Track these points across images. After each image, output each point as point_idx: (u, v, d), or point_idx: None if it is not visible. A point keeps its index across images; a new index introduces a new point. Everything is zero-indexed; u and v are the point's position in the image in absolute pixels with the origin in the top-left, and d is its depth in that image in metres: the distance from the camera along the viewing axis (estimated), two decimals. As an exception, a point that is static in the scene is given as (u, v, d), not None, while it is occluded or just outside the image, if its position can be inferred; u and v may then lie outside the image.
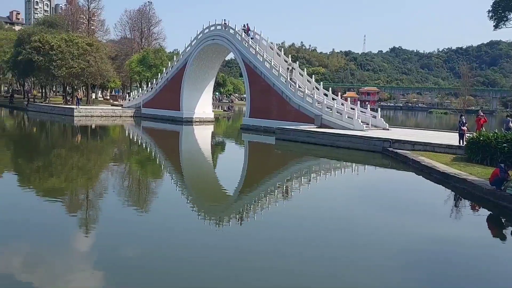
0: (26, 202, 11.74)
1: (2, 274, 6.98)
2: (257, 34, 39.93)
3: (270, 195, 13.81)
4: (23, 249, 8.28)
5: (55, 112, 48.10)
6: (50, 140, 28.90)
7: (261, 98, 36.39)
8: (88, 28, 66.19)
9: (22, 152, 22.71)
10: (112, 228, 9.71)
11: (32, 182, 14.77)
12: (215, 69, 47.25)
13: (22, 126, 39.10)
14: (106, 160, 21.08)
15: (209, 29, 42.02)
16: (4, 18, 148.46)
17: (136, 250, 8.31)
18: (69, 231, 9.39)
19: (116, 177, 16.51)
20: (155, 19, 73.69)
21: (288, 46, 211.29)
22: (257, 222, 10.77)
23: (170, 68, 47.88)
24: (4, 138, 28.54)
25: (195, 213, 11.42)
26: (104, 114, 47.05)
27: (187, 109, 44.58)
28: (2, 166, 17.73)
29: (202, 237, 9.30)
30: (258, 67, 36.35)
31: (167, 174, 17.73)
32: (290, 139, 27.55)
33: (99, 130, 37.23)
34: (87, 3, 65.41)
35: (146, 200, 13.03)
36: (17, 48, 56.27)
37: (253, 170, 19.78)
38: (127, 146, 27.59)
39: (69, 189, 14.05)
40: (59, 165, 18.54)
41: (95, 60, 52.09)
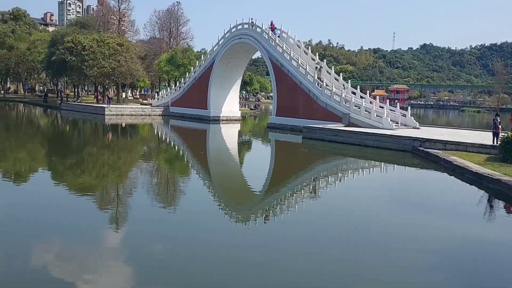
0: (60, 198, 12.14)
1: (35, 268, 7.24)
2: (284, 32, 39.80)
3: (296, 194, 13.75)
4: (55, 244, 8.56)
5: (87, 111, 49.45)
6: (82, 138, 29.75)
7: (288, 96, 36.27)
8: (119, 29, 67.61)
9: (56, 149, 23.47)
10: (141, 225, 9.90)
11: (65, 178, 15.24)
12: (242, 68, 47.42)
13: (55, 124, 40.39)
14: (135, 158, 21.53)
15: (236, 28, 42.19)
16: (39, 19, 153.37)
17: (164, 247, 8.44)
18: (100, 228, 9.64)
19: (145, 174, 16.84)
20: (183, 19, 74.66)
21: (315, 44, 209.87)
22: (284, 221, 10.75)
23: (197, 67, 48.37)
24: (39, 136, 29.58)
25: (221, 211, 11.51)
26: (133, 113, 48.03)
27: (214, 108, 44.94)
28: (38, 163, 18.42)
29: (228, 235, 9.36)
30: (285, 65, 36.23)
31: (194, 172, 17.93)
32: (317, 138, 27.35)
33: (129, 128, 38.02)
34: (117, 4, 66.82)
35: (174, 198, 13.22)
36: (51, 48, 58.14)
37: (279, 169, 19.75)
38: (155, 144, 28.07)
39: (100, 186, 14.43)
40: (90, 163, 19.06)
41: (125, 60, 53.14)
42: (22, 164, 17.94)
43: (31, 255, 7.86)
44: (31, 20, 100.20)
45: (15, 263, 7.35)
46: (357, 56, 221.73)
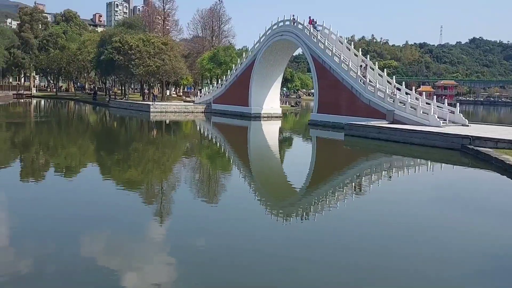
0: (107, 193, 12.65)
1: (83, 258, 7.59)
2: (326, 28, 39.28)
3: (338, 191, 13.56)
4: (102, 236, 8.93)
5: (133, 108, 51.12)
6: (128, 134, 30.82)
7: (329, 93, 35.80)
8: (163, 28, 69.44)
9: (104, 145, 24.46)
10: (184, 220, 10.13)
11: (112, 173, 15.86)
12: (283, 65, 47.29)
13: (104, 121, 42.07)
14: (179, 154, 22.04)
15: (278, 25, 42.10)
16: (88, 20, 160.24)
17: (205, 242, 8.59)
18: (145, 221, 9.96)
19: (188, 170, 17.21)
20: (225, 17, 75.55)
21: (358, 39, 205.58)
22: (325, 219, 10.63)
23: (239, 64, 48.74)
24: (88, 132, 30.94)
25: (262, 208, 11.55)
26: (177, 110, 49.13)
27: (256, 105, 45.13)
28: (87, 158, 19.28)
29: (268, 231, 9.39)
30: (327, 61, 35.77)
31: (236, 168, 18.11)
32: (360, 135, 26.82)
33: (173, 125, 38.96)
34: (162, 4, 68.74)
35: (216, 193, 13.42)
36: (100, 48, 60.56)
37: (321, 166, 19.56)
38: (198, 140, 28.60)
39: (146, 181, 14.89)
40: (136, 158, 19.72)
41: (169, 58, 54.42)
42: (73, 159, 18.85)
43: (79, 246, 8.24)
44: (81, 21, 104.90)
45: (64, 254, 7.73)
46: (402, 51, 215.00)
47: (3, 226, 9.29)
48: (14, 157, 18.94)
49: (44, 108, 56.53)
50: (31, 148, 21.42)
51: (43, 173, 15.33)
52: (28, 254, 7.63)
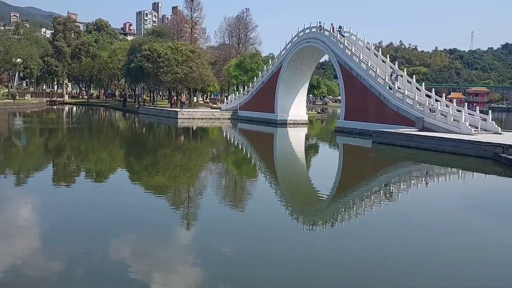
0: (136, 197, 12.90)
1: (111, 261, 7.76)
2: (353, 34, 39.01)
3: (366, 199, 13.37)
4: (130, 240, 9.11)
5: (161, 115, 52.03)
6: (157, 140, 31.37)
7: (356, 100, 35.44)
8: (191, 36, 70.51)
9: (133, 151, 24.98)
10: (210, 225, 10.19)
11: (141, 178, 16.17)
12: (310, 72, 47.18)
13: (133, 127, 43.00)
14: (205, 159, 22.26)
15: (304, 32, 42.10)
16: (119, 29, 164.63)
17: (231, 248, 8.62)
18: (172, 226, 10.10)
19: (214, 176, 17.36)
20: (251, 25, 76.02)
21: (386, 45, 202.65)
22: (352, 226, 10.49)
23: (265, 71, 48.92)
24: (118, 138, 31.69)
25: (288, 215, 11.51)
26: (204, 117, 49.71)
27: (282, 112, 45.14)
28: (117, 163, 19.75)
29: (294, 239, 9.34)
30: (354, 68, 35.46)
31: (262, 175, 18.13)
32: (388, 143, 26.38)
33: (200, 131, 39.41)
34: (190, 13, 69.83)
35: (242, 199, 13.47)
36: (130, 56, 62.10)
37: (348, 173, 19.34)
38: (224, 147, 28.82)
39: (173, 186, 15.11)
40: (164, 163, 20.04)
41: (197, 66, 55.20)
42: (103, 164, 19.34)
43: (107, 249, 8.43)
44: (112, 30, 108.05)
45: (93, 256, 7.93)
46: (431, 57, 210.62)
47: (36, 227, 9.61)
48: (48, 162, 19.61)
49: (76, 115, 58.28)
50: (63, 153, 22.12)
51: (74, 178, 15.78)
52: (58, 254, 7.87)
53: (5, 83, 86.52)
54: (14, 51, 65.46)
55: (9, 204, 11.85)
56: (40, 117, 49.17)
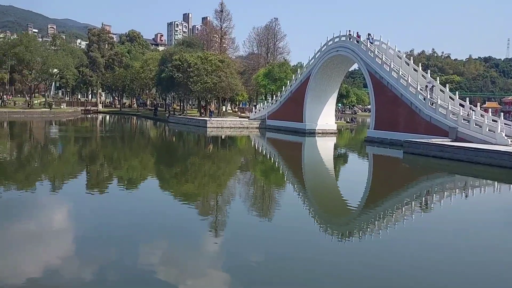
0: (165, 204, 13.10)
1: (140, 268, 7.87)
2: (384, 43, 38.56)
3: (396, 211, 13.07)
4: (159, 247, 9.22)
5: (191, 124, 52.78)
6: (186, 148, 31.80)
7: (387, 109, 34.87)
8: (220, 46, 71.48)
9: (163, 159, 25.41)
10: (237, 234, 10.21)
11: (171, 186, 16.41)
12: (339, 81, 46.84)
13: (163, 135, 43.78)
14: (234, 168, 22.37)
15: (333, 41, 41.92)
16: (150, 40, 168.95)
17: (259, 257, 8.59)
18: (200, 233, 10.17)
19: (242, 184, 17.40)
20: (280, 34, 76.34)
21: (418, 53, 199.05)
22: (381, 239, 10.26)
23: (294, 80, 48.93)
24: (149, 146, 32.32)
25: (316, 225, 11.38)
26: (232, 126, 50.07)
27: (310, 121, 44.92)
28: (148, 171, 20.13)
29: (322, 249, 9.23)
30: (385, 77, 34.95)
31: (290, 184, 18.05)
32: (420, 153, 25.75)
33: (228, 140, 39.69)
34: (220, 23, 70.89)
35: (270, 208, 13.42)
36: (161, 66, 63.47)
37: (378, 184, 18.97)
38: (252, 155, 28.89)
39: (202, 194, 15.25)
40: (193, 172, 20.27)
41: (226, 75, 55.79)
42: (134, 172, 19.75)
43: (137, 256, 8.57)
44: (144, 41, 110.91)
45: (123, 262, 8.07)
46: (465, 65, 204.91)
47: (68, 233, 9.89)
48: (82, 169, 20.20)
49: (109, 123, 59.91)
50: (97, 161, 22.74)
51: (107, 184, 16.19)
52: (90, 259, 8.06)
53: (42, 92, 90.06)
54: (51, 62, 68.07)
55: (44, 209, 12.26)
56: (75, 126, 50.82)
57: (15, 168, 19.13)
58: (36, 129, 43.54)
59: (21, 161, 21.44)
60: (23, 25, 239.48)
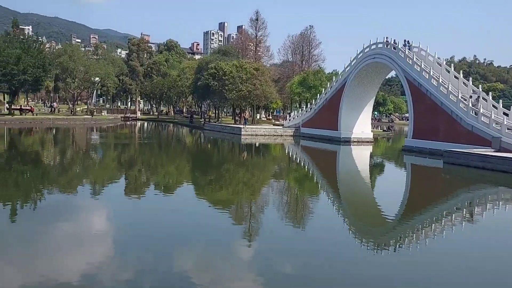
0: (200, 211, 13.26)
1: (174, 274, 7.99)
2: (423, 50, 37.63)
3: (435, 223, 12.63)
4: (192, 253, 9.33)
5: (226, 131, 53.32)
6: (221, 156, 32.14)
7: (426, 117, 33.90)
8: (255, 54, 72.07)
9: (198, 165, 25.79)
10: (271, 242, 10.18)
11: (205, 192, 16.61)
12: (375, 88, 46.04)
13: (199, 142, 44.45)
14: (267, 176, 22.38)
15: (370, 48, 41.32)
16: (187, 49, 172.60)
17: (291, 267, 8.53)
18: (233, 241, 10.22)
19: (276, 192, 17.37)
20: (315, 41, 76.02)
21: (458, 60, 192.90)
22: (419, 251, 9.94)
23: (329, 88, 48.52)
24: (185, 153, 32.92)
25: (351, 235, 11.19)
26: (266, 133, 50.16)
27: (345, 129, 44.33)
28: (183, 177, 20.48)
29: (358, 260, 9.04)
30: (424, 84, 34.05)
31: (324, 193, 17.85)
32: (461, 164, 24.82)
33: (262, 148, 39.79)
34: (255, 31, 71.55)
35: (303, 217, 13.31)
36: (197, 75, 64.65)
37: (416, 195, 18.42)
38: (286, 163, 28.80)
39: (235, 201, 15.34)
40: (227, 179, 20.44)
41: (260, 83, 56.10)
42: (170, 178, 20.15)
43: (172, 261, 8.72)
44: (181, 50, 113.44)
45: (157, 267, 8.22)
46: (509, 72, 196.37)
47: (105, 237, 10.19)
48: (120, 175, 20.82)
49: (147, 130, 61.51)
50: (135, 167, 23.37)
51: (144, 190, 16.60)
52: (125, 263, 8.27)
53: (84, 100, 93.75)
54: (93, 71, 70.92)
55: (85, 213, 12.71)
56: (114, 132, 52.49)
57: (58, 172, 19.97)
58: (78, 135, 45.32)
59: (64, 166, 22.36)
60: (67, 35, 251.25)
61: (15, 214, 11.85)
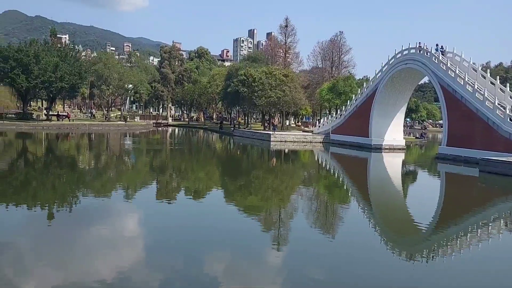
0: (228, 216, 13.34)
1: (202, 277, 8.08)
2: (457, 55, 36.64)
3: (471, 234, 12.23)
4: (221, 258, 9.41)
5: (255, 137, 53.52)
6: (250, 162, 32.26)
7: (461, 124, 32.92)
8: (285, 61, 72.11)
9: (228, 171, 25.99)
10: (300, 250, 10.12)
11: (234, 198, 16.70)
12: (407, 94, 45.13)
13: (228, 148, 44.80)
14: (296, 183, 22.29)
15: (402, 53, 40.61)
16: (217, 56, 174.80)
17: (321, 275, 8.46)
18: (262, 247, 10.23)
19: (305, 199, 17.27)
20: (345, 47, 75.40)
21: (495, 66, 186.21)
22: (453, 262, 9.65)
23: (359, 94, 47.95)
24: (215, 158, 33.24)
25: (382, 244, 10.97)
26: (296, 140, 50.01)
27: (376, 136, 43.62)
28: (213, 183, 20.69)
29: (389, 270, 8.88)
30: (458, 91, 33.11)
31: (354, 200, 17.60)
32: (498, 172, 23.93)
33: (291, 154, 39.67)
34: (284, 38, 71.66)
35: (333, 224, 13.18)
36: (227, 81, 65.37)
37: (451, 204, 17.88)
38: (316, 170, 28.60)
39: (264, 207, 15.36)
40: (257, 185, 20.50)
41: (289, 89, 56.09)
42: (200, 183, 20.40)
43: (201, 266, 8.82)
44: (211, 57, 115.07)
45: (186, 272, 8.34)
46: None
47: (135, 242, 10.42)
48: (152, 179, 21.25)
49: (178, 136, 62.54)
50: (166, 172, 23.80)
51: (174, 195, 16.89)
52: (154, 267, 8.43)
53: (118, 106, 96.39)
54: (126, 78, 72.96)
55: (118, 216, 13.06)
56: (147, 138, 53.67)
57: (93, 176, 20.61)
58: (112, 140, 46.59)
59: (99, 170, 23.04)
60: (102, 43, 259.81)
61: (52, 217, 12.32)
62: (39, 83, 54.82)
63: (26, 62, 53.65)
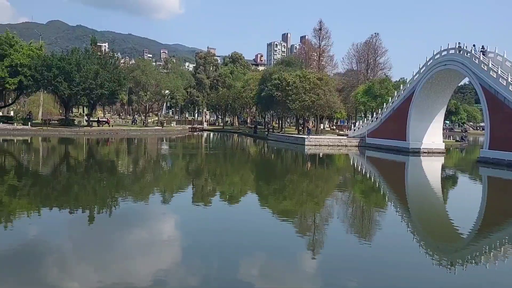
0: (263, 220, 13.42)
1: (237, 281, 8.17)
2: (499, 55, 35.24)
3: (516, 241, 11.72)
4: (256, 262, 9.48)
5: (289, 141, 53.42)
6: (285, 166, 32.25)
7: (504, 127, 31.57)
8: (319, 64, 71.70)
9: (262, 175, 26.09)
10: (336, 256, 10.06)
11: (269, 202, 16.77)
12: (446, 96, 43.75)
13: (263, 153, 44.95)
14: (332, 187, 22.09)
15: (440, 54, 39.47)
16: (251, 60, 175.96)
17: (357, 279, 8.36)
18: (297, 251, 10.23)
19: (340, 204, 17.10)
20: (381, 49, 74.03)
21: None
22: (496, 270, 9.28)
23: (396, 97, 46.95)
24: (249, 163, 33.45)
25: (422, 251, 10.71)
26: (331, 144, 49.53)
27: (414, 139, 42.51)
28: (248, 187, 20.85)
29: (430, 276, 8.66)
30: (500, 92, 31.81)
31: (392, 206, 17.25)
32: (545, 176, 22.79)
33: (326, 158, 39.32)
34: (318, 41, 71.29)
35: (369, 230, 12.98)
36: (261, 85, 65.65)
37: (493, 210, 17.19)
38: (352, 174, 28.22)
39: (299, 211, 15.32)
40: (291, 189, 20.48)
41: (324, 93, 55.65)
42: (235, 187, 20.60)
43: (236, 270, 8.93)
44: (245, 61, 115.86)
45: (220, 275, 8.47)
46: None
47: (172, 245, 10.66)
48: (188, 183, 21.67)
49: (213, 140, 63.37)
50: (201, 176, 24.20)
51: (209, 199, 17.15)
52: (189, 270, 8.61)
53: (155, 111, 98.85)
54: (163, 84, 74.76)
55: (154, 220, 13.42)
56: (183, 142, 54.70)
57: (131, 180, 21.25)
58: (150, 145, 47.80)
59: (137, 174, 23.73)
60: (139, 50, 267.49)
61: (93, 219, 12.81)
62: (81, 90, 57.06)
63: (68, 70, 56.02)
